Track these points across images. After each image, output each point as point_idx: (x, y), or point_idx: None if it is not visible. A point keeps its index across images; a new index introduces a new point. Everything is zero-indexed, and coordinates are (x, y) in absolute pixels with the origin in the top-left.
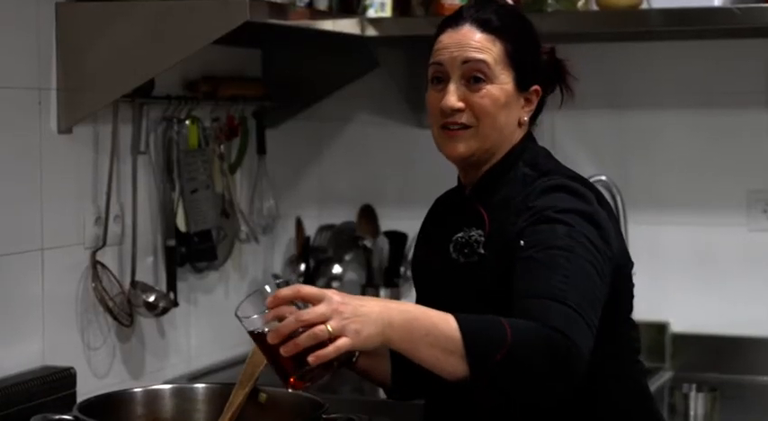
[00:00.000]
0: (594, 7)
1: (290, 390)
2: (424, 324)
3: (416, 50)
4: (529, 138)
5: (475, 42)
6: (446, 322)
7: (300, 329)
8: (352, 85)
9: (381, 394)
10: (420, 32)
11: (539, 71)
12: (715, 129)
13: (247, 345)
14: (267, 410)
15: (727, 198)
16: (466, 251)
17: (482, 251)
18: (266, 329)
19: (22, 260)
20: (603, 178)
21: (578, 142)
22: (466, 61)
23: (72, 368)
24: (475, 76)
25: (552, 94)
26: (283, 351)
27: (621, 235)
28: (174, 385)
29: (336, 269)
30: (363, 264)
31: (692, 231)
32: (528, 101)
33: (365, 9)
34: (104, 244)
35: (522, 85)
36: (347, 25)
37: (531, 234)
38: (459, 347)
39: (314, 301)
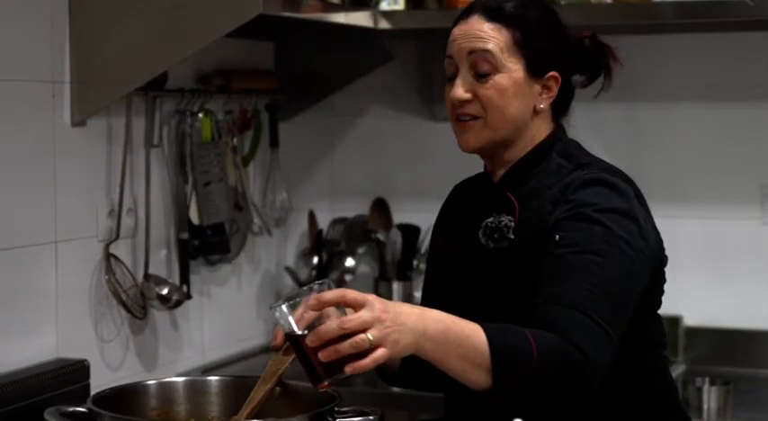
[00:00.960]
0: (608, 0)
1: (319, 390)
2: (457, 335)
3: (429, 43)
4: (560, 130)
5: (480, 32)
6: (477, 335)
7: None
8: (364, 78)
9: (394, 388)
10: (433, 25)
11: (558, 57)
12: (729, 123)
13: (259, 338)
14: (281, 403)
15: (741, 191)
16: (496, 236)
17: (512, 236)
18: (305, 331)
19: (35, 253)
20: None
21: (592, 135)
22: (471, 52)
23: (86, 360)
24: (482, 66)
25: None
26: (322, 356)
27: (657, 229)
28: (188, 377)
29: (349, 262)
30: (376, 257)
31: (706, 225)
32: (546, 88)
33: (378, 2)
34: (118, 236)
35: (534, 71)
36: (360, 18)
37: (568, 230)
38: (486, 361)
39: (356, 307)
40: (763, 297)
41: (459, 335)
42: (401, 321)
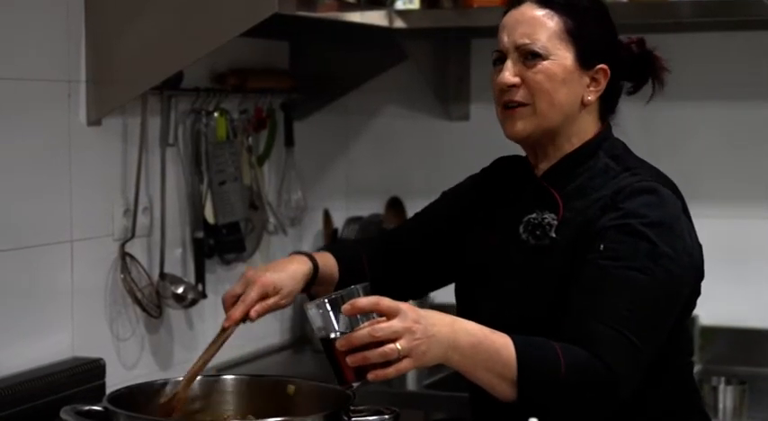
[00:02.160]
0: None
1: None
2: (486, 349)
3: (444, 42)
4: (608, 129)
5: (531, 19)
6: (507, 349)
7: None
8: (379, 78)
9: (410, 385)
10: (448, 24)
11: (609, 51)
12: (745, 122)
13: (275, 337)
14: (295, 402)
15: (756, 191)
16: (538, 233)
17: (554, 235)
18: (336, 335)
19: (51, 252)
20: None
21: None
22: (521, 37)
23: (101, 359)
24: (531, 51)
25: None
26: (350, 361)
27: (698, 241)
28: (203, 376)
29: None
30: None
31: (721, 224)
32: (594, 80)
33: (393, 1)
34: (133, 235)
35: (584, 62)
36: (375, 17)
37: (613, 242)
38: (513, 375)
39: (390, 316)
40: None
41: (490, 349)
42: (432, 333)
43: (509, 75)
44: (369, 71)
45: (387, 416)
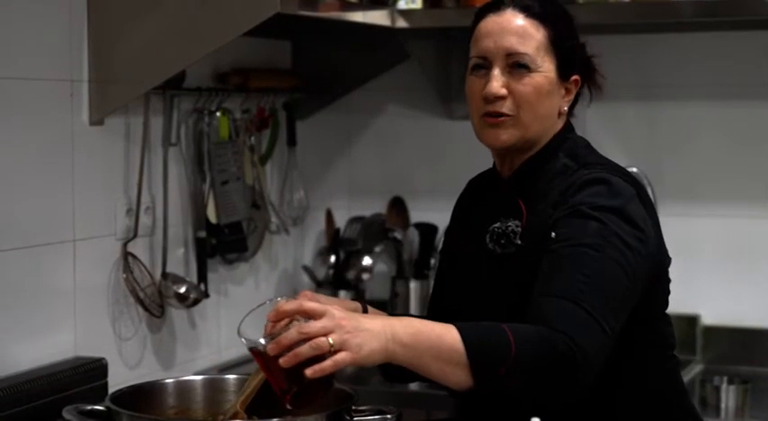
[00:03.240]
0: None
1: (287, 406)
2: (428, 336)
3: (447, 42)
4: (568, 128)
5: (518, 28)
6: (449, 333)
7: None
8: (382, 77)
9: (412, 385)
10: (450, 24)
11: (578, 61)
12: (746, 121)
13: None
14: None
15: (759, 190)
16: (502, 242)
17: (519, 242)
18: (265, 342)
19: (54, 251)
20: (635, 170)
21: (609, 134)
22: (509, 48)
23: (103, 359)
24: (518, 63)
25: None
26: (282, 362)
27: (660, 229)
28: (205, 376)
29: (366, 261)
30: (393, 255)
31: (724, 223)
32: (568, 91)
33: (396, 0)
34: (135, 235)
35: (563, 73)
36: (378, 17)
37: (563, 227)
38: (463, 358)
39: (315, 316)
40: None
41: (431, 336)
42: (363, 327)
43: (498, 86)
44: (371, 70)
45: (389, 416)
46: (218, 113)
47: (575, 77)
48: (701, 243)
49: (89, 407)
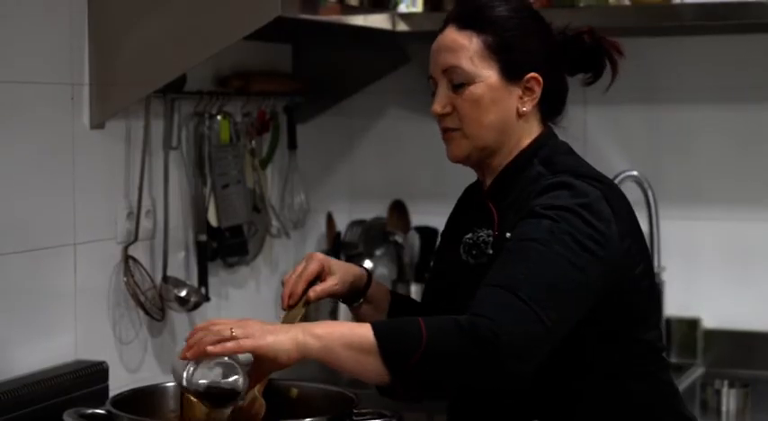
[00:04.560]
0: (626, 2)
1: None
2: (340, 328)
3: None
4: (547, 135)
5: (451, 43)
6: (363, 326)
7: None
8: (382, 80)
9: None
10: None
11: (538, 58)
12: (747, 124)
13: None
14: (298, 405)
15: (761, 193)
16: (474, 252)
17: (490, 251)
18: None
19: (54, 254)
20: (635, 173)
21: (610, 137)
22: (444, 68)
23: (104, 362)
24: (454, 79)
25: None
26: (189, 355)
27: (636, 233)
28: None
29: (367, 264)
30: (394, 259)
31: (725, 227)
32: (528, 90)
33: (396, 4)
34: (136, 239)
35: (510, 75)
36: (378, 20)
37: (518, 228)
38: (374, 348)
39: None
40: None
41: (343, 328)
42: (270, 326)
43: (438, 106)
44: (372, 74)
45: (390, 420)
46: (218, 117)
47: (531, 75)
48: (702, 246)
49: (90, 411)
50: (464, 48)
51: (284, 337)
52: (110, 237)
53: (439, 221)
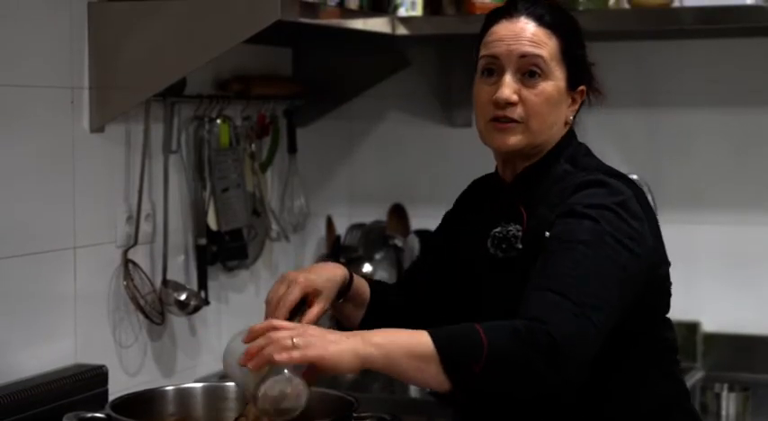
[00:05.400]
0: (626, 5)
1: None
2: (399, 335)
3: (447, 49)
4: (570, 135)
5: (532, 35)
6: (420, 334)
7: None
8: (382, 84)
9: (412, 392)
10: (451, 31)
11: (588, 71)
12: (747, 128)
13: None
14: None
15: (760, 197)
16: (504, 246)
17: (519, 246)
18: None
19: (54, 258)
20: (635, 177)
21: (610, 140)
22: (523, 55)
23: (104, 366)
24: (531, 70)
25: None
26: (251, 365)
27: (659, 234)
28: (206, 383)
29: (367, 268)
30: (394, 262)
31: (724, 230)
32: (574, 100)
33: (396, 8)
34: (136, 242)
35: (572, 83)
36: (378, 24)
37: (557, 226)
38: (435, 357)
39: (286, 329)
40: None
41: (402, 335)
42: (330, 335)
43: (509, 92)
44: (372, 78)
45: None
46: (218, 120)
47: (581, 88)
48: (702, 250)
49: (89, 415)
50: (545, 44)
51: (346, 347)
52: (109, 240)
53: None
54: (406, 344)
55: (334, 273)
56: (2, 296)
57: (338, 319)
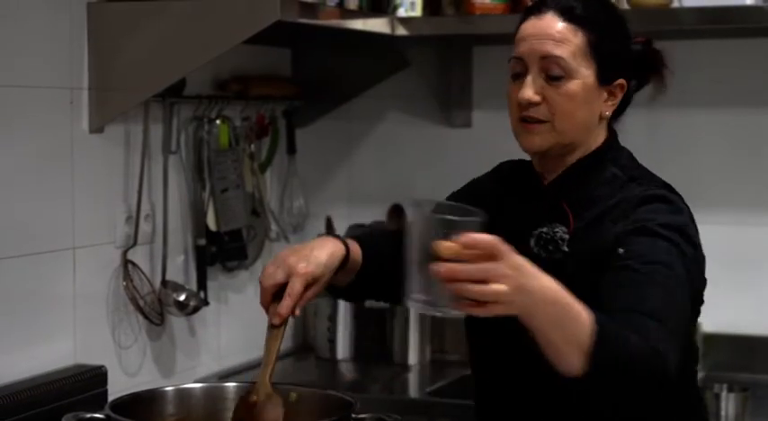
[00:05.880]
0: (625, 6)
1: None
2: (564, 306)
3: (447, 50)
4: (614, 136)
5: (556, 33)
6: (584, 313)
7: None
8: (381, 85)
9: (412, 393)
10: (450, 32)
11: (626, 64)
12: (747, 128)
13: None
14: (297, 409)
15: (760, 197)
16: (550, 248)
17: (566, 249)
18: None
19: (54, 259)
20: None
21: None
22: (545, 56)
23: (103, 366)
24: (553, 70)
25: (643, 88)
26: (450, 287)
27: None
28: (205, 384)
29: None
30: None
31: (723, 231)
32: (612, 94)
33: (395, 8)
34: (135, 243)
35: (604, 78)
36: (377, 24)
37: (632, 244)
38: (585, 342)
39: (496, 257)
40: None
41: (569, 309)
42: (529, 281)
43: (531, 92)
44: (371, 78)
45: None
46: (217, 121)
47: (619, 82)
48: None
49: (89, 415)
50: (569, 41)
51: (528, 301)
52: (109, 241)
53: None
54: (567, 319)
55: (332, 254)
56: (1, 296)
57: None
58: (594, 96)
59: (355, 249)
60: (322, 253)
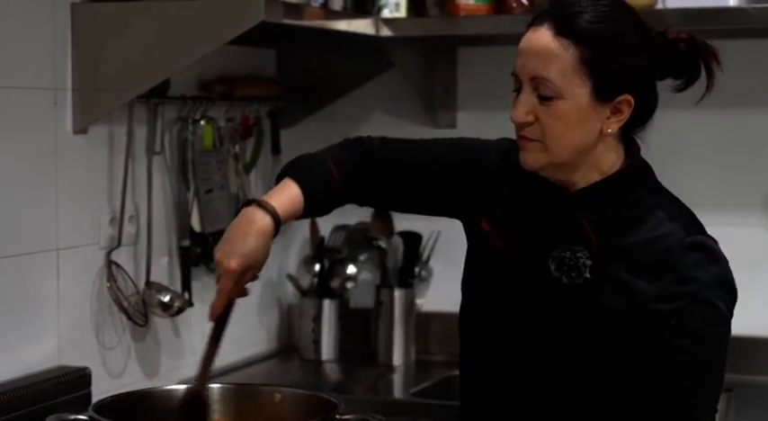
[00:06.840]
0: None
1: None
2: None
3: (431, 51)
4: (638, 152)
5: (544, 50)
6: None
7: None
8: (366, 86)
9: (396, 394)
10: (435, 33)
11: (633, 77)
12: (731, 130)
13: (261, 346)
14: (282, 410)
15: (744, 198)
16: (573, 274)
17: (588, 276)
18: None
19: (37, 260)
20: None
21: None
22: (532, 76)
23: (87, 368)
24: (543, 91)
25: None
26: None
27: None
28: (189, 385)
29: (351, 269)
30: (378, 264)
31: (714, 232)
32: (617, 111)
33: (380, 9)
34: (119, 244)
35: (602, 95)
36: (362, 25)
37: (684, 317)
38: None
39: None
40: (766, 304)
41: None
42: None
43: (521, 113)
44: (355, 79)
45: None
46: (202, 122)
47: (623, 98)
48: None
49: (72, 417)
50: (557, 58)
51: None
52: (93, 242)
53: (422, 226)
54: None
55: (261, 233)
56: None
57: None
58: (590, 115)
59: (286, 204)
60: (248, 239)
